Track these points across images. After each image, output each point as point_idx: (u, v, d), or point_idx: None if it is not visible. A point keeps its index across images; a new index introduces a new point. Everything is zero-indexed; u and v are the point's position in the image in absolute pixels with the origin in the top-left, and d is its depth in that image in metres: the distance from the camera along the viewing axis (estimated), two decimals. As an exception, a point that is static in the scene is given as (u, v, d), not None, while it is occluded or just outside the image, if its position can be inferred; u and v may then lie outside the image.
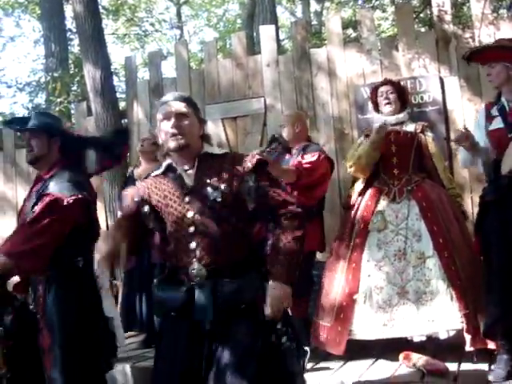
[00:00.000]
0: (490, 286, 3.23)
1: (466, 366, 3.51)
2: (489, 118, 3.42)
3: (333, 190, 5.44)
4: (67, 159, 3.17)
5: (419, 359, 3.50)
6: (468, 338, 3.51)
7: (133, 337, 4.90)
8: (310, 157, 4.15)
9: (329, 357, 3.93)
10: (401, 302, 3.73)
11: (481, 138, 3.41)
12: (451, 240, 3.75)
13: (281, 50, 8.88)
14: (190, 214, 2.30)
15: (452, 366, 3.47)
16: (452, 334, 3.61)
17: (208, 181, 2.32)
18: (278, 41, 8.37)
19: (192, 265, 2.27)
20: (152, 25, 16.25)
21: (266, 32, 6.28)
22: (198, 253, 2.26)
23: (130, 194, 2.48)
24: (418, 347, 3.68)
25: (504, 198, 3.19)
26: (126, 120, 6.87)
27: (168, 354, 2.29)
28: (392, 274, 3.79)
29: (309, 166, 4.09)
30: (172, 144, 2.34)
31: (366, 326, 3.77)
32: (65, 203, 2.90)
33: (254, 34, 9.81)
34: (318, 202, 4.30)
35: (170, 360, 2.28)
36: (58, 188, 2.97)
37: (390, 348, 3.81)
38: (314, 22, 13.50)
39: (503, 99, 3.39)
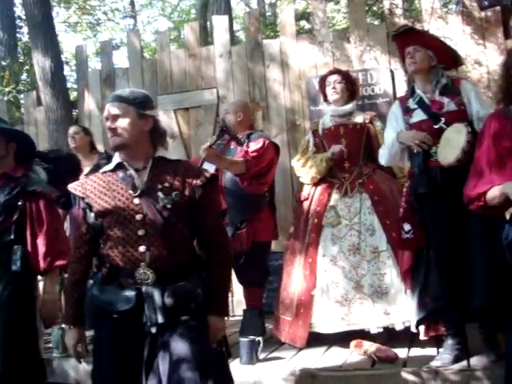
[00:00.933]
0: (428, 278, 3.30)
1: (415, 352, 3.59)
2: (407, 111, 3.45)
3: (285, 181, 5.49)
4: (22, 164, 3.26)
5: (370, 347, 3.56)
6: (422, 328, 3.58)
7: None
8: (255, 144, 4.13)
9: (282, 346, 3.98)
10: (357, 297, 3.79)
11: (399, 130, 3.44)
12: None
13: (235, 40, 8.86)
14: (139, 217, 2.25)
15: (401, 352, 3.55)
16: (407, 324, 3.67)
17: (160, 186, 2.29)
18: (232, 32, 8.32)
19: (139, 268, 2.23)
20: (105, 13, 15.95)
21: (220, 22, 6.26)
22: (147, 256, 2.22)
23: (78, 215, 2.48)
24: (370, 335, 3.75)
25: (437, 189, 3.23)
26: (77, 110, 6.76)
27: (109, 355, 2.24)
28: (347, 269, 3.84)
29: (255, 154, 4.08)
30: (110, 144, 2.35)
31: (325, 319, 3.83)
32: (51, 199, 3.15)
33: (208, 24, 9.75)
34: (269, 189, 4.30)
35: (111, 361, 2.24)
36: (42, 186, 3.17)
37: (341, 336, 3.86)
38: (269, 13, 13.50)
39: (419, 91, 3.43)
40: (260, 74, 5.90)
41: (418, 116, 3.38)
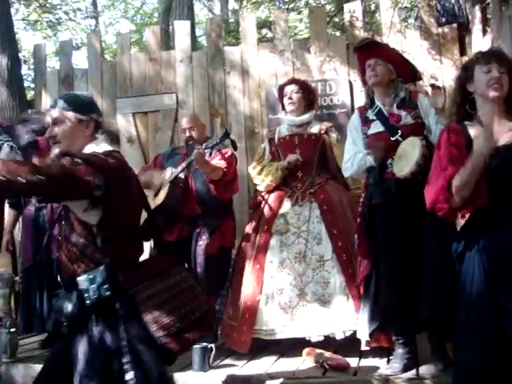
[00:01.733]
0: (380, 288, 3.34)
1: (366, 362, 3.62)
2: (366, 122, 3.50)
3: (242, 189, 5.47)
4: None
5: (322, 355, 3.57)
6: (364, 338, 3.60)
7: (33, 336, 4.72)
8: (226, 152, 4.21)
9: (234, 354, 3.96)
10: (300, 304, 3.81)
11: (358, 141, 3.51)
12: (350, 243, 3.78)
13: (197, 46, 8.85)
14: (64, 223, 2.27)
15: (352, 361, 3.58)
16: (348, 334, 3.72)
17: None
18: (194, 37, 8.32)
19: None
20: (66, 13, 15.67)
21: (181, 28, 6.24)
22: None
23: None
24: (321, 344, 3.77)
25: (390, 200, 3.29)
26: (33, 110, 6.62)
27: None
28: (293, 276, 3.87)
29: (228, 161, 4.17)
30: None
31: (269, 326, 3.85)
32: None
33: (171, 28, 9.70)
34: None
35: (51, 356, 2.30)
36: None
37: (293, 345, 3.88)
38: (232, 20, 13.50)
39: (378, 103, 3.48)
40: (220, 80, 5.90)
41: (376, 127, 3.43)
